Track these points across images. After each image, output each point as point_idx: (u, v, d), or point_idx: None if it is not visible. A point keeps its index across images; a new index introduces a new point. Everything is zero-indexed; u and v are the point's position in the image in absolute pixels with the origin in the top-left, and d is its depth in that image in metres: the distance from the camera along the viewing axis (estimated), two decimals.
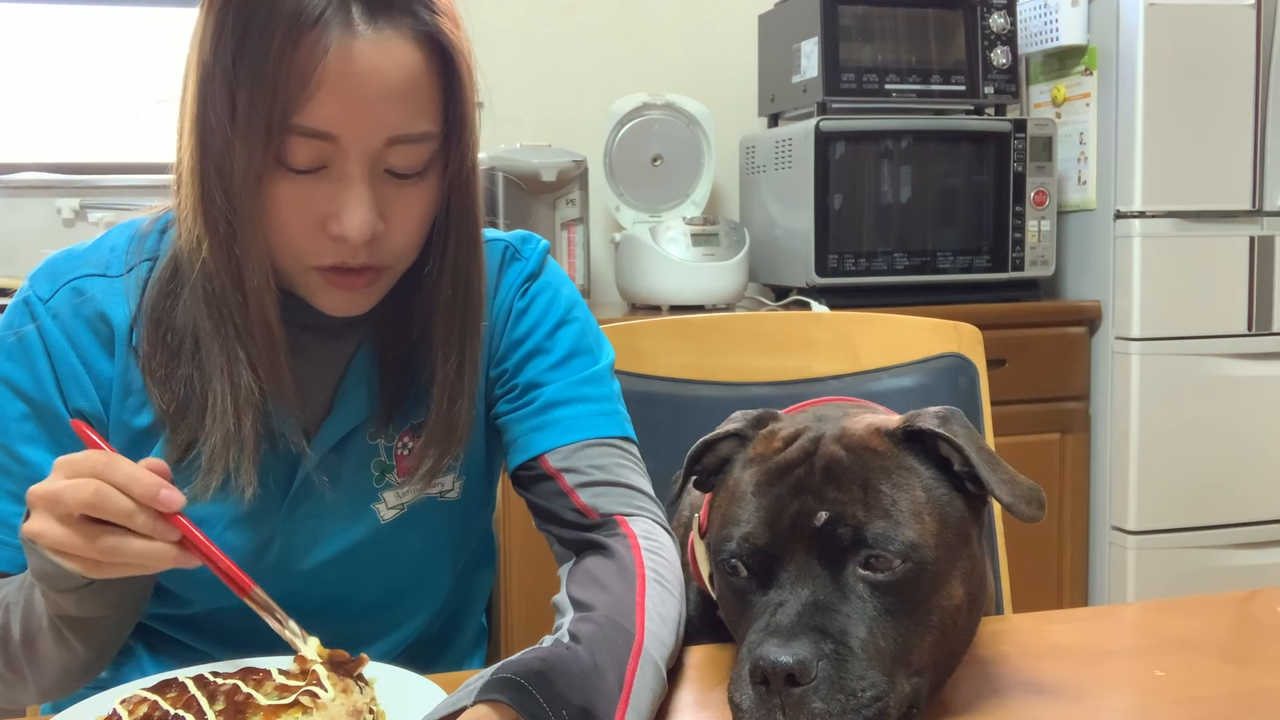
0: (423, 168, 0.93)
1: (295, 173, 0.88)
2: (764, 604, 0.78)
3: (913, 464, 0.81)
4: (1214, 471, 2.58)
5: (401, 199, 0.92)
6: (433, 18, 0.90)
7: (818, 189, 2.51)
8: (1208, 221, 2.55)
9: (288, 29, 0.84)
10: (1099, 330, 2.64)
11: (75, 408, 0.96)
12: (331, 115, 0.86)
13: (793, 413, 0.95)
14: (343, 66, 0.85)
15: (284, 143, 0.87)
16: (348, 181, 0.89)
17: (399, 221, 0.93)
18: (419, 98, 0.90)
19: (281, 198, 0.89)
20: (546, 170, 2.50)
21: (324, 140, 0.87)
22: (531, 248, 1.11)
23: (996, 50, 2.66)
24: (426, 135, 0.91)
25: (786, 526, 0.78)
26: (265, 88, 0.85)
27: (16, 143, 2.73)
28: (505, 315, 1.07)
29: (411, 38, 0.89)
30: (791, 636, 0.73)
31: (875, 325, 1.40)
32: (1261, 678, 0.86)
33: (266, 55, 0.84)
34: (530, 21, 2.93)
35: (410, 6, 0.89)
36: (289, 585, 0.93)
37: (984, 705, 0.81)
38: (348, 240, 0.90)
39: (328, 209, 0.90)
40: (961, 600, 0.79)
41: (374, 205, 0.90)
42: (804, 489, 0.80)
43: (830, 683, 0.72)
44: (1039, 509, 0.80)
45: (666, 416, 1.30)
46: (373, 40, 0.86)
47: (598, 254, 2.87)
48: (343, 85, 0.86)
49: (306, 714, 0.72)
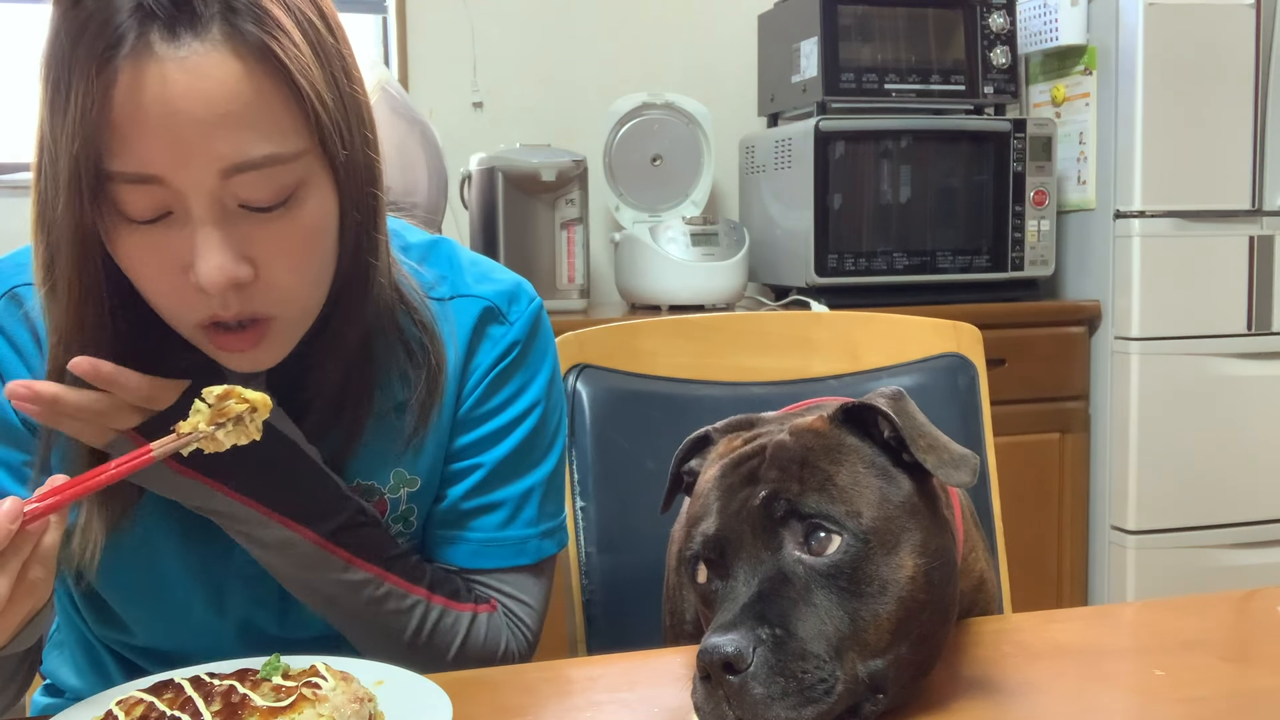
0: (286, 195, 0.81)
1: (141, 224, 0.79)
2: (721, 598, 0.78)
3: (853, 442, 0.81)
4: (1214, 471, 2.58)
5: (268, 236, 0.81)
6: (250, 24, 0.78)
7: (817, 189, 2.51)
8: (1207, 221, 2.55)
9: (84, 65, 0.75)
10: (1098, 330, 2.64)
11: (25, 417, 0.90)
12: (147, 154, 0.76)
13: (786, 413, 0.95)
14: (147, 96, 0.75)
15: (111, 194, 0.78)
16: (193, 225, 0.79)
17: (272, 262, 0.82)
18: (252, 117, 0.78)
19: (133, 252, 0.80)
20: (546, 170, 2.50)
21: (152, 184, 0.77)
22: (519, 310, 1.01)
23: (996, 50, 2.66)
24: (274, 158, 0.79)
25: (735, 513, 0.79)
26: (73, 135, 0.76)
27: (16, 143, 2.73)
28: (476, 383, 1.00)
29: (230, 50, 0.77)
30: (731, 627, 0.73)
31: (875, 325, 1.40)
32: (1261, 677, 0.86)
33: (70, 98, 0.76)
34: (530, 21, 2.93)
35: (221, 13, 0.77)
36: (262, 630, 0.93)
37: (984, 705, 0.81)
38: (205, 291, 0.80)
39: (184, 259, 0.80)
40: (915, 572, 0.77)
41: (230, 247, 0.79)
42: (753, 478, 0.80)
43: (769, 667, 0.71)
44: (971, 475, 0.79)
45: (666, 416, 1.30)
46: (177, 61, 0.76)
47: (597, 254, 2.87)
48: (150, 118, 0.75)
49: (311, 706, 0.72)
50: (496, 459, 1.01)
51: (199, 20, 0.76)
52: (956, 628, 0.89)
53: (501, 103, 2.91)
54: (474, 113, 2.89)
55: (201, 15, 0.77)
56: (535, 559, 1.03)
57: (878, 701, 0.75)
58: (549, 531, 1.04)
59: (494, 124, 2.87)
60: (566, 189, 2.56)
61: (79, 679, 1.04)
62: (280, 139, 0.79)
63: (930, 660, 0.81)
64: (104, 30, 0.75)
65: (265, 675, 0.76)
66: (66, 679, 1.06)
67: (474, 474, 1.00)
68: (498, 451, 1.01)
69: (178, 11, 0.76)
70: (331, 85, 0.82)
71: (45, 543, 0.76)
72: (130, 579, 0.95)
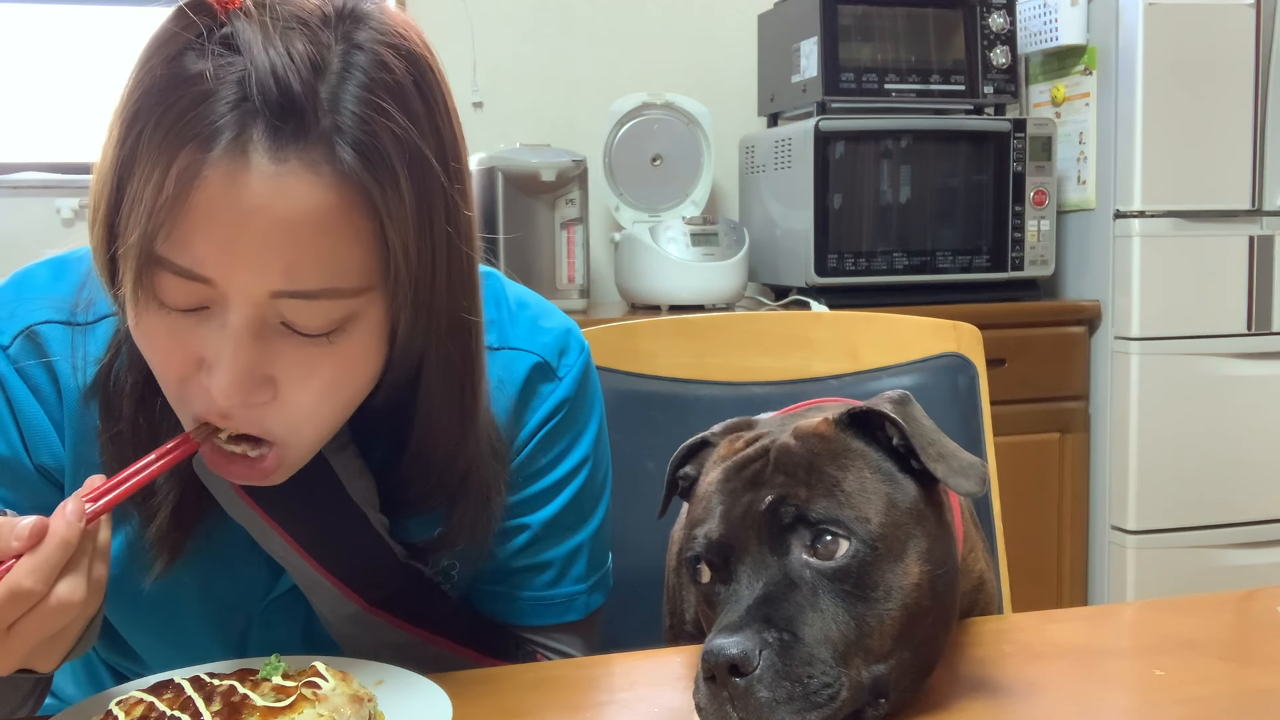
0: (332, 328, 0.74)
1: (173, 310, 0.74)
2: (724, 600, 0.78)
3: (859, 447, 0.81)
4: (1214, 471, 2.58)
5: (301, 359, 0.75)
6: (356, 157, 0.71)
7: (817, 189, 2.51)
8: (1207, 221, 2.55)
9: (169, 147, 0.69)
10: (1098, 330, 2.64)
11: (39, 463, 0.87)
12: (205, 256, 0.71)
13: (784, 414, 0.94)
14: (225, 201, 0.69)
15: (153, 277, 0.72)
16: (226, 329, 0.73)
17: (296, 385, 0.75)
18: (322, 251, 0.72)
19: (155, 335, 0.75)
20: (546, 170, 2.50)
21: (200, 283, 0.72)
22: (569, 364, 0.97)
23: (996, 50, 2.66)
24: (331, 292, 0.73)
25: (739, 517, 0.79)
26: (139, 214, 0.70)
27: (16, 143, 2.73)
28: (524, 441, 0.96)
29: (326, 179, 0.71)
30: (737, 629, 0.73)
31: (875, 325, 1.40)
32: (1261, 678, 0.86)
33: (144, 175, 0.70)
34: (530, 21, 2.93)
35: (329, 134, 0.71)
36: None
37: (984, 705, 0.81)
38: (214, 401, 0.74)
39: (205, 355, 0.74)
40: (919, 579, 0.77)
41: (255, 365, 0.73)
42: (758, 481, 0.80)
43: (775, 671, 0.71)
44: (979, 484, 0.79)
45: (666, 416, 1.30)
46: (270, 173, 0.69)
47: (597, 254, 2.87)
48: (220, 224, 0.70)
49: (311, 706, 0.72)
50: (544, 519, 0.97)
51: (304, 134, 0.70)
52: (956, 628, 0.89)
53: (501, 103, 2.91)
54: (474, 113, 2.89)
55: (309, 130, 0.70)
56: (583, 614, 1.01)
57: (880, 706, 0.75)
58: (596, 585, 1.02)
59: (494, 124, 2.87)
60: (566, 189, 2.56)
61: (76, 689, 1.04)
62: (343, 276, 0.73)
63: (932, 664, 0.81)
64: (200, 117, 0.69)
65: (265, 675, 0.75)
66: (63, 687, 1.05)
67: (523, 534, 0.97)
68: (546, 512, 0.97)
69: (284, 118, 0.70)
70: (425, 237, 0.76)
71: (102, 539, 0.74)
72: (149, 618, 0.93)
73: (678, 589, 1.03)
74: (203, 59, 0.70)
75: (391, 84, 0.73)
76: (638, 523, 1.20)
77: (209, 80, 0.70)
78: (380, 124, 0.72)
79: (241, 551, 0.91)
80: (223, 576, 0.91)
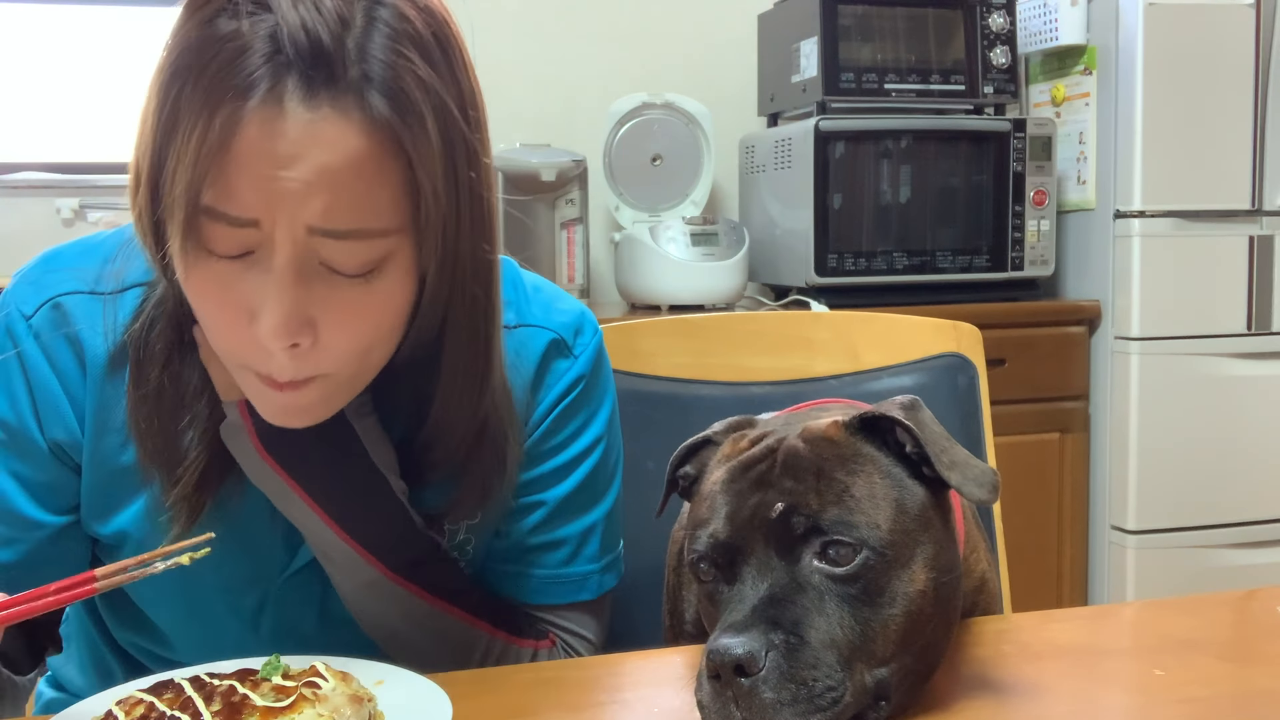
0: (368, 268, 0.79)
1: (221, 257, 0.78)
2: (727, 600, 0.78)
3: (869, 452, 0.81)
4: (1214, 471, 2.58)
5: (339, 300, 0.79)
6: (386, 102, 0.75)
7: (817, 189, 2.51)
8: (1207, 221, 2.55)
9: (209, 101, 0.73)
10: (1098, 330, 2.64)
11: (52, 438, 0.90)
12: (250, 200, 0.75)
13: (787, 414, 0.94)
14: (265, 149, 0.73)
15: (200, 226, 0.76)
16: (271, 273, 0.77)
17: (335, 326, 0.80)
18: (356, 192, 0.76)
19: (206, 286, 0.79)
20: (546, 170, 2.51)
21: (248, 227, 0.76)
22: (584, 343, 1.00)
23: (996, 50, 2.66)
24: (361, 232, 0.77)
25: (746, 520, 0.78)
26: (183, 166, 0.74)
27: (16, 143, 2.73)
28: (541, 418, 0.98)
29: (358, 124, 0.75)
30: (743, 629, 0.73)
31: (875, 325, 1.40)
32: (1261, 678, 0.86)
33: (186, 130, 0.74)
34: (529, 21, 2.93)
35: (359, 82, 0.75)
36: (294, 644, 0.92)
37: (984, 705, 0.81)
38: (264, 345, 0.78)
39: (252, 304, 0.78)
40: (925, 586, 0.78)
41: (298, 307, 0.77)
42: (765, 483, 0.80)
43: (781, 673, 0.71)
44: (991, 492, 0.79)
45: (665, 416, 1.30)
46: (304, 120, 0.74)
47: (597, 254, 2.87)
48: (262, 169, 0.74)
49: (311, 706, 0.72)
50: (559, 496, 0.99)
51: (335, 83, 0.74)
52: (958, 628, 0.89)
53: (501, 103, 2.90)
54: None
55: (339, 79, 0.74)
56: (596, 594, 1.02)
57: (881, 709, 0.75)
58: (609, 565, 1.03)
59: (494, 124, 2.83)
60: (566, 189, 2.56)
61: (82, 677, 1.04)
62: (375, 216, 0.77)
63: (933, 667, 0.81)
64: (236, 71, 0.73)
65: (265, 675, 0.76)
66: (71, 678, 1.05)
67: (537, 511, 0.99)
68: (561, 489, 0.99)
69: (315, 68, 0.74)
70: (450, 180, 0.80)
71: None
72: (166, 585, 0.92)
73: (678, 589, 1.03)
74: (235, 19, 0.74)
75: (413, 34, 0.78)
76: (638, 522, 1.20)
77: (243, 37, 0.74)
78: (406, 70, 0.76)
79: (260, 525, 0.93)
80: (240, 548, 0.93)
